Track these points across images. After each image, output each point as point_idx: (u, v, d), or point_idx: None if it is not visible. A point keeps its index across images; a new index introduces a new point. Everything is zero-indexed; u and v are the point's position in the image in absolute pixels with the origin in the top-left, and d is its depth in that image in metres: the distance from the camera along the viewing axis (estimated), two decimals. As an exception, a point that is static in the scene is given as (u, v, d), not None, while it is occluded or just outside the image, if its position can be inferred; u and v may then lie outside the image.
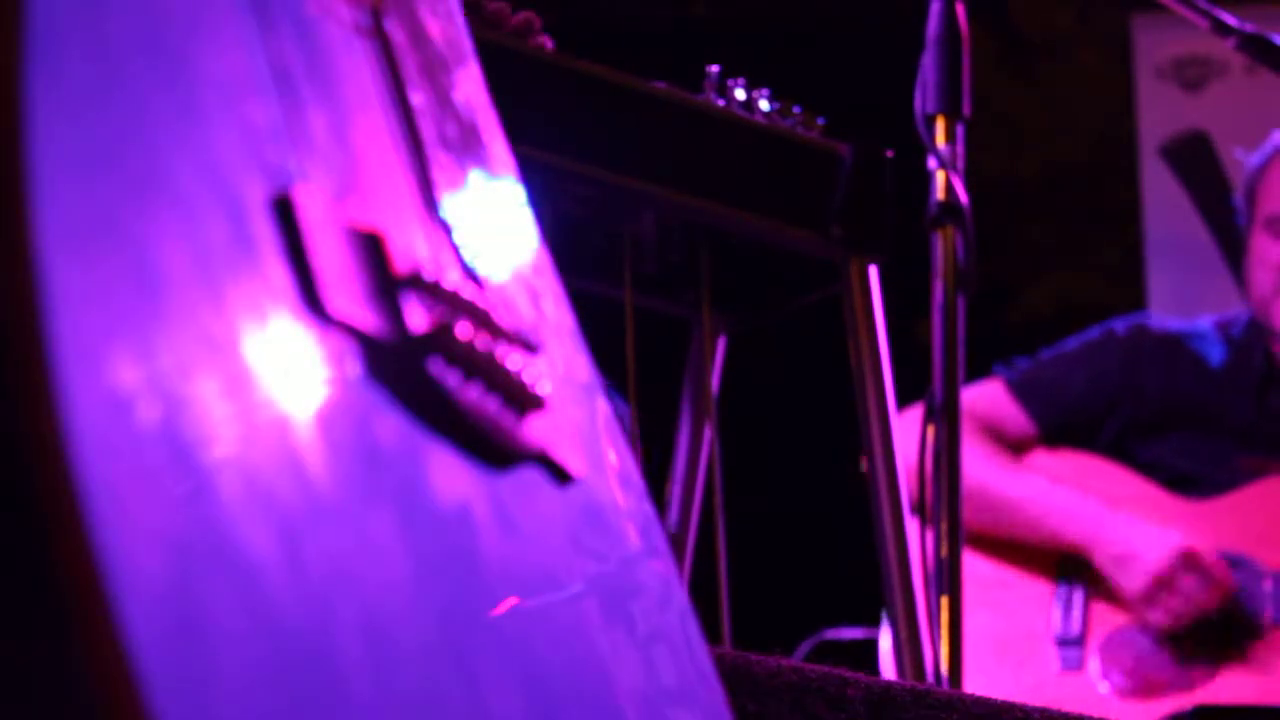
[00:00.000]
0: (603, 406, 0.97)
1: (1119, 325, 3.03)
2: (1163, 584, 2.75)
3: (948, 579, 1.84)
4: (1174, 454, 2.90)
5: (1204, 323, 3.05)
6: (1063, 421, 2.96)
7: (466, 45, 1.00)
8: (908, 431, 1.98)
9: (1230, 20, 2.05)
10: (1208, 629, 2.76)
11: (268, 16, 0.76)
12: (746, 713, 1.20)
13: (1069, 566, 2.86)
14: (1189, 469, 2.88)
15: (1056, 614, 2.83)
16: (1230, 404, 2.93)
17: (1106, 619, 2.81)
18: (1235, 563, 2.79)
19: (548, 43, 1.71)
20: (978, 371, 2.94)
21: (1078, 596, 2.84)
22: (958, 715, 1.28)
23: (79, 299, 0.56)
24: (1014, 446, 2.95)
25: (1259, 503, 2.84)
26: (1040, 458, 2.95)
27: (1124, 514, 2.82)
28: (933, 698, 1.29)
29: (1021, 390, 2.97)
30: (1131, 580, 2.77)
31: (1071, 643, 2.81)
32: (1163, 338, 3.00)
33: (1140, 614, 2.78)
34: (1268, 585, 2.77)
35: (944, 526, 1.85)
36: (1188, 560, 2.74)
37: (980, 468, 2.82)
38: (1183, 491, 2.88)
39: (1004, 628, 2.81)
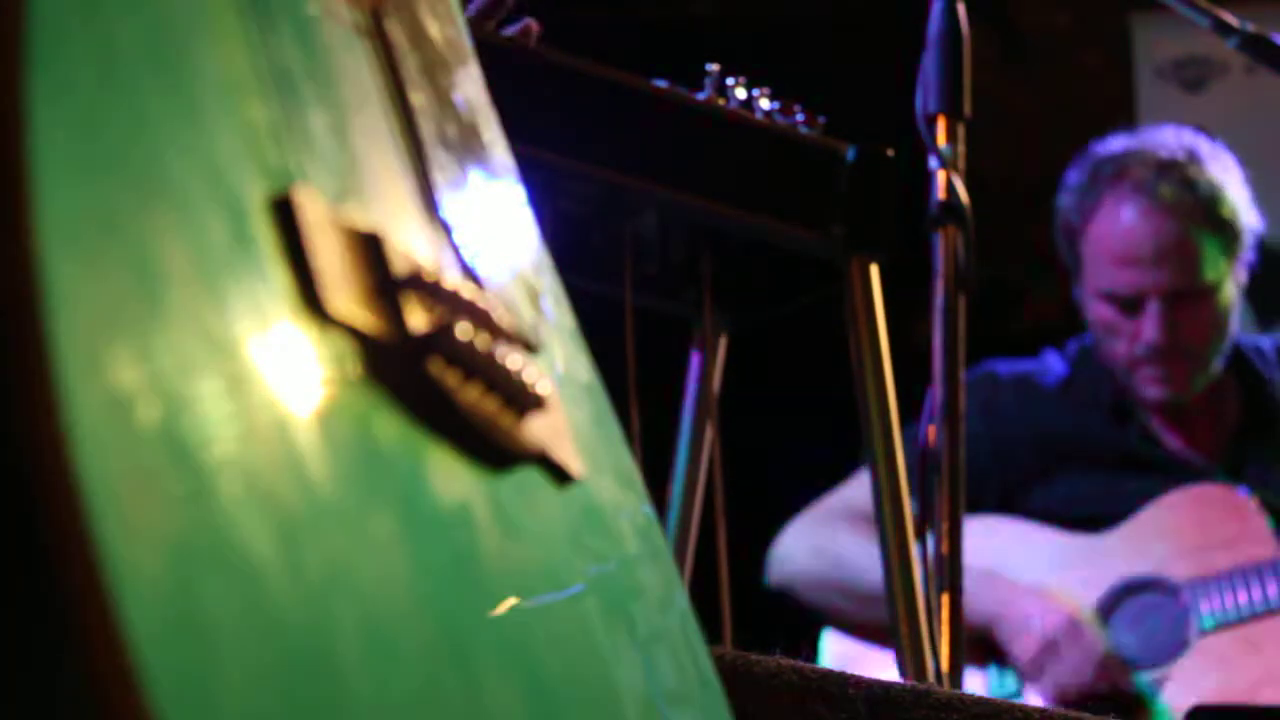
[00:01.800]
0: (603, 406, 0.97)
1: (968, 377, 3.01)
2: (1048, 649, 2.75)
3: (948, 578, 1.84)
4: (1060, 500, 2.89)
5: (1050, 356, 3.04)
6: None
7: (466, 45, 1.00)
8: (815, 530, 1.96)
9: (1231, 20, 2.05)
10: (1114, 709, 2.74)
11: (268, 17, 0.76)
12: (746, 713, 1.20)
13: (991, 651, 2.86)
14: (1080, 510, 2.87)
15: (993, 684, 2.83)
16: (1094, 434, 2.92)
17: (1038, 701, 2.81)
18: (1149, 585, 2.79)
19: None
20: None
21: (1011, 677, 2.84)
22: (958, 715, 1.28)
23: (79, 299, 0.56)
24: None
25: (1158, 522, 2.84)
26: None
27: (1022, 587, 2.81)
28: (933, 698, 1.29)
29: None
30: (1023, 649, 2.77)
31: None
32: (1011, 380, 2.99)
33: (1032, 684, 2.78)
34: (1185, 597, 2.77)
35: (944, 525, 1.85)
36: (1071, 628, 2.74)
37: (869, 563, 2.75)
38: (1080, 529, 2.87)
39: None
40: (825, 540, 3.00)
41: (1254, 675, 2.68)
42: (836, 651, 2.95)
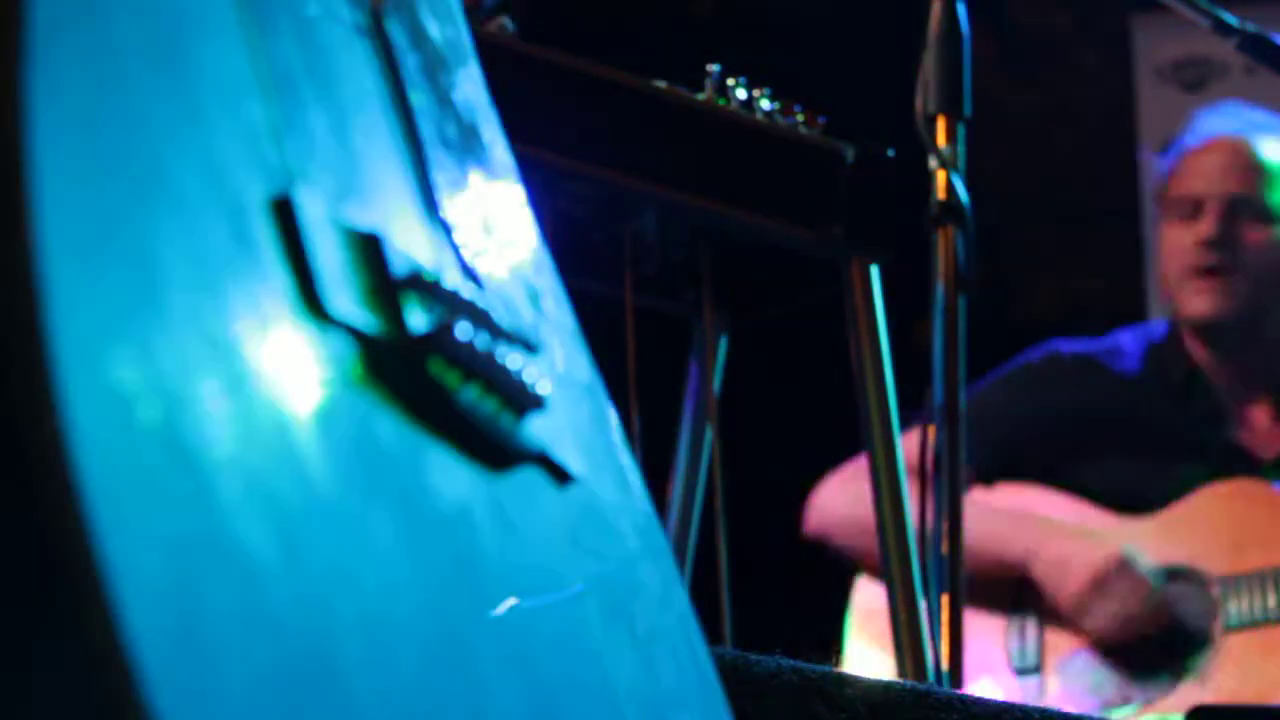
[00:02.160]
0: (603, 406, 0.97)
1: (1033, 355, 3.02)
2: (1097, 586, 2.75)
3: (948, 578, 1.84)
4: (1106, 475, 2.90)
5: (1120, 336, 3.05)
6: (993, 459, 2.94)
7: (466, 45, 1.00)
8: (853, 481, 1.97)
9: (1231, 20, 2.05)
10: (1156, 648, 2.75)
11: (268, 17, 0.76)
12: (746, 713, 1.20)
13: (1018, 599, 2.86)
14: (1123, 488, 2.87)
15: (1012, 645, 2.83)
16: (1152, 414, 2.93)
17: (1061, 644, 2.81)
18: (1182, 575, 2.79)
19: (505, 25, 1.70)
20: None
21: (1030, 628, 2.84)
22: (958, 715, 1.28)
23: (80, 299, 0.56)
24: None
25: (1197, 513, 2.84)
26: (978, 495, 2.94)
27: (1061, 526, 2.82)
28: (933, 698, 1.29)
29: None
30: (1067, 586, 2.77)
31: (1029, 672, 2.81)
32: (1076, 359, 2.99)
33: (1079, 623, 2.78)
34: (1216, 592, 2.77)
35: (944, 525, 1.85)
36: (1122, 566, 2.75)
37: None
38: (1121, 510, 2.87)
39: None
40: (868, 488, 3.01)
41: (1271, 678, 2.68)
42: (865, 598, 2.95)
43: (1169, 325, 2.99)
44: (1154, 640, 2.75)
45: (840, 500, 3.00)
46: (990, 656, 2.83)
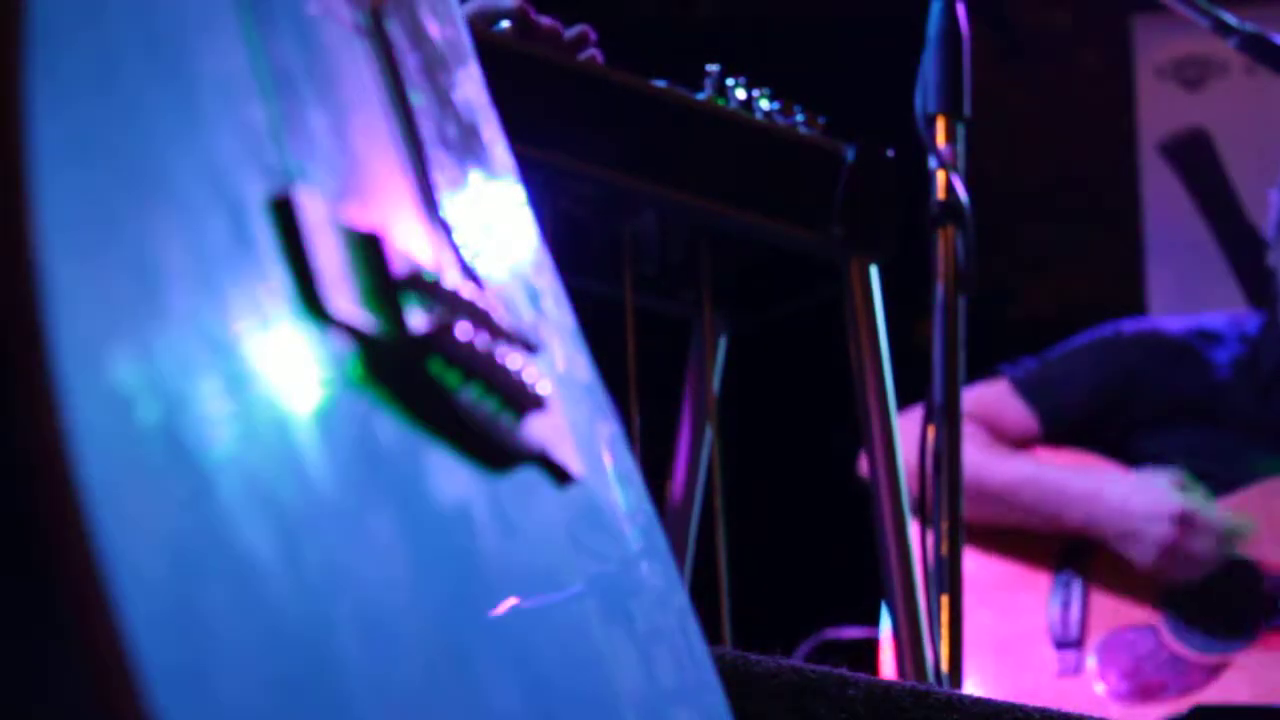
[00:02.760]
0: (603, 406, 0.97)
1: (1127, 325, 3.03)
2: (1171, 553, 2.76)
3: (948, 578, 1.84)
4: (1179, 451, 2.90)
5: (1216, 320, 3.04)
6: (1066, 420, 2.96)
7: (466, 45, 1.00)
8: (908, 432, 1.98)
9: (1231, 20, 2.05)
10: (1217, 610, 2.76)
11: (268, 16, 0.76)
12: (746, 713, 1.20)
13: (1069, 556, 2.87)
14: (1194, 466, 2.88)
15: (1055, 615, 2.83)
16: (1237, 403, 2.93)
17: (1104, 620, 2.81)
18: (1238, 565, 2.79)
19: (599, 56, 1.72)
20: (978, 372, 2.94)
21: (1075, 595, 2.84)
22: (958, 715, 1.28)
23: (79, 299, 0.56)
24: (1015, 444, 2.95)
25: (1259, 504, 2.84)
26: (1041, 454, 2.96)
27: (1118, 486, 2.82)
28: (933, 698, 1.29)
29: (1025, 388, 2.97)
30: (1143, 556, 2.78)
31: (1069, 645, 2.81)
32: (1171, 339, 2.99)
33: (1159, 580, 2.79)
34: (1269, 587, 2.77)
35: (944, 526, 1.85)
36: (1186, 523, 2.76)
37: (977, 459, 2.82)
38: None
39: (1002, 630, 2.81)
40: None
41: None
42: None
43: (1264, 319, 2.99)
44: (1199, 625, 2.75)
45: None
46: (1031, 626, 2.83)
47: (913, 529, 1.85)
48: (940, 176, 1.93)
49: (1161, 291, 4.32)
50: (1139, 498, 2.80)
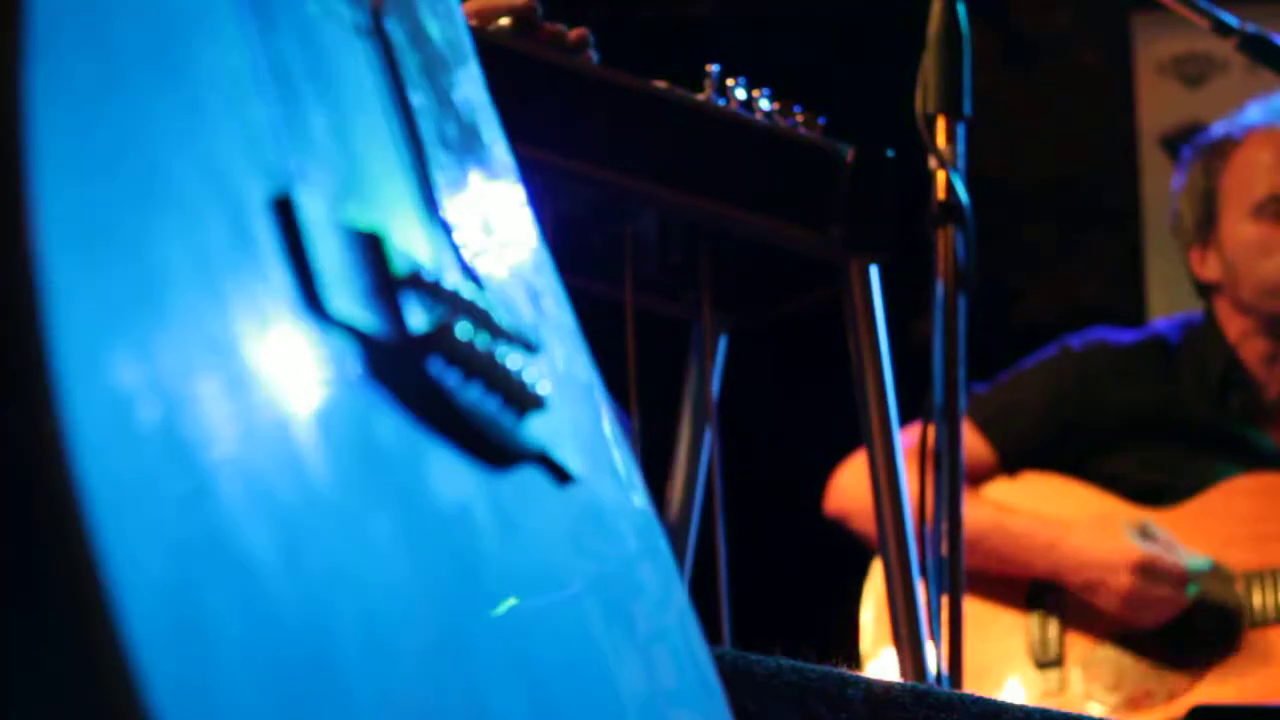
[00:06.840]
0: (603, 406, 0.97)
1: (1074, 341, 3.01)
2: (1133, 602, 2.74)
3: (948, 578, 1.84)
4: (1135, 467, 2.89)
5: (1165, 326, 3.03)
6: (1023, 445, 2.93)
7: (466, 45, 1.00)
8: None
9: (1231, 20, 2.05)
10: (1180, 642, 2.75)
11: (268, 16, 0.76)
12: (746, 713, 1.20)
13: (1037, 591, 2.86)
14: (1151, 480, 2.87)
15: (1033, 638, 2.83)
16: (1191, 408, 2.92)
17: (1081, 638, 2.81)
18: (1205, 568, 2.78)
19: (594, 58, 1.72)
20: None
21: (1052, 620, 2.83)
22: (958, 715, 1.28)
23: (79, 299, 0.56)
24: (975, 476, 2.91)
25: (1221, 506, 2.83)
26: (1001, 486, 2.94)
27: (1078, 536, 2.80)
28: (933, 698, 1.29)
29: (979, 418, 2.93)
30: (1106, 605, 2.77)
31: (1050, 665, 2.80)
32: (1120, 350, 2.98)
33: (1127, 626, 2.78)
34: (1239, 588, 2.76)
35: (944, 526, 1.85)
36: (1147, 572, 2.74)
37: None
38: (1146, 503, 2.86)
39: (982, 654, 2.80)
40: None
41: None
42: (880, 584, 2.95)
43: (1205, 316, 2.97)
44: (1177, 634, 2.74)
45: (861, 483, 3.00)
46: (1010, 650, 2.83)
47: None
48: (940, 176, 1.93)
49: (1161, 292, 4.32)
50: (1099, 547, 2.78)
